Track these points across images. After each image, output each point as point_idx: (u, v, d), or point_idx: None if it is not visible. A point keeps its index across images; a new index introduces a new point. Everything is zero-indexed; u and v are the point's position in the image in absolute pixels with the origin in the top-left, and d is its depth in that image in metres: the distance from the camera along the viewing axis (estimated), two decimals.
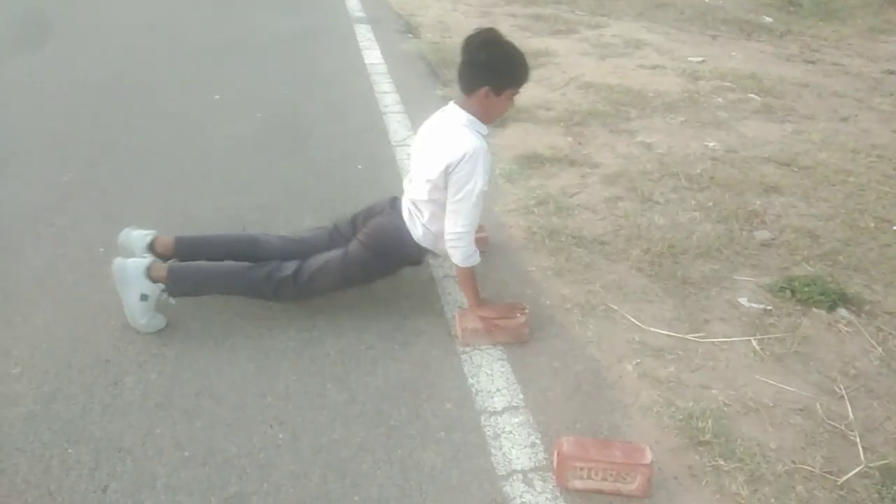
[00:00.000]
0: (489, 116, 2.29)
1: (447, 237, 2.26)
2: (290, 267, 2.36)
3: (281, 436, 1.94)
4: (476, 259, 2.30)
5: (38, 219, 3.01)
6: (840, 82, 5.32)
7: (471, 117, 2.24)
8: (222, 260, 2.44)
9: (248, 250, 2.47)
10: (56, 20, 6.33)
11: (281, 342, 2.31)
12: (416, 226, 2.36)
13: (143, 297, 2.28)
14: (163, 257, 2.44)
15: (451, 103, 2.32)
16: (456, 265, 2.31)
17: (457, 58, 2.25)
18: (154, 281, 2.29)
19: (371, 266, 2.41)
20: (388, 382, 2.15)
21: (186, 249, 2.47)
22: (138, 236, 2.46)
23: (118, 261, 2.31)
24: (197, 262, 2.43)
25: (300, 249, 2.48)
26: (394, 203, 2.52)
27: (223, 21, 6.66)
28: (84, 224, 2.98)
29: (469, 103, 2.25)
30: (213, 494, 1.76)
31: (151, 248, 2.45)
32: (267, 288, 2.35)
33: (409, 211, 2.39)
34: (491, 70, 2.18)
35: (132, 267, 2.29)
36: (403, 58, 5.62)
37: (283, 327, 2.38)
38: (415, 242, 2.38)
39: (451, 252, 2.28)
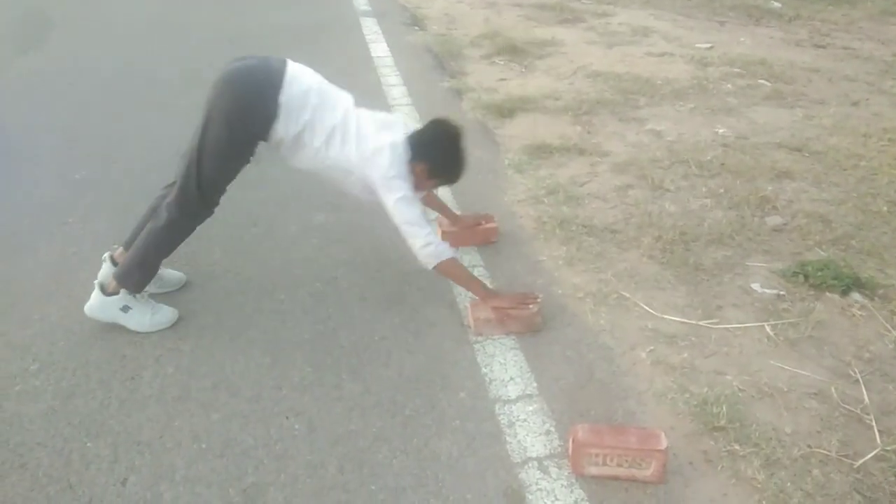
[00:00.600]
0: (415, 186, 2.32)
1: (416, 254, 2.27)
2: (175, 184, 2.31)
3: (297, 427, 1.96)
4: (446, 252, 2.27)
5: (51, 216, 3.03)
6: (851, 66, 5.27)
7: (403, 161, 2.27)
8: None
9: (156, 207, 2.39)
10: (60, 17, 6.36)
11: (295, 335, 2.33)
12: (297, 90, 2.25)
13: (125, 309, 2.31)
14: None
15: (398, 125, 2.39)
16: (440, 269, 2.30)
17: (464, 49, 2.25)
18: (112, 294, 2.31)
19: (221, 122, 2.22)
20: (403, 373, 2.16)
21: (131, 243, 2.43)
22: (104, 270, 2.44)
23: (86, 307, 2.33)
24: (126, 253, 2.37)
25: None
26: (264, 58, 2.36)
27: (229, 14, 6.67)
28: (97, 221, 3.00)
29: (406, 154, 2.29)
30: (231, 486, 1.78)
31: (114, 262, 2.44)
32: (175, 216, 2.27)
33: (311, 88, 2.29)
34: (435, 156, 2.31)
35: (92, 303, 2.32)
36: (410, 50, 5.61)
37: (298, 320, 2.40)
38: (275, 95, 2.20)
39: (424, 262, 2.28)
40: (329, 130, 2.25)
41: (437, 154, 2.32)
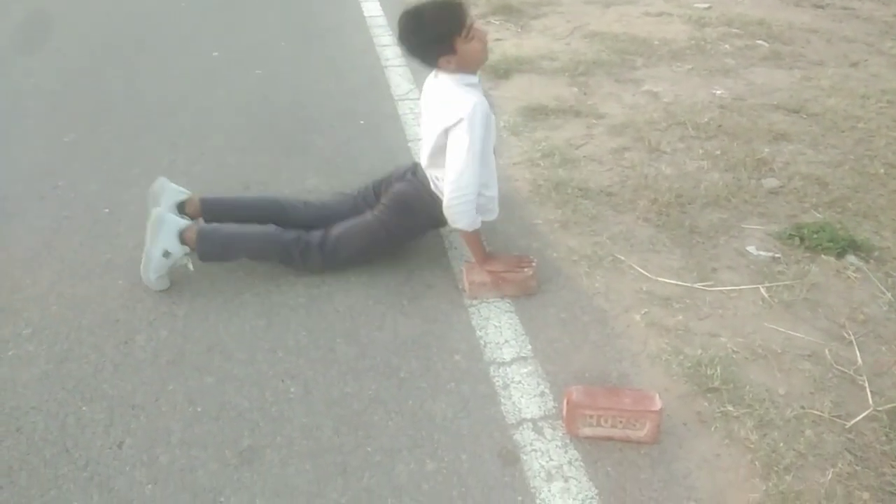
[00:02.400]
0: (469, 67, 2.21)
1: (446, 202, 2.19)
2: (316, 234, 2.37)
3: (293, 390, 1.96)
4: (478, 222, 2.27)
5: (41, 181, 3.00)
6: (850, 27, 5.20)
7: (455, 76, 2.20)
8: (247, 223, 2.43)
9: (273, 214, 2.46)
10: None
11: (290, 298, 2.32)
12: (440, 188, 2.30)
13: (166, 255, 2.28)
14: (189, 218, 2.44)
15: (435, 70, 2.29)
16: (459, 229, 2.29)
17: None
18: (183, 243, 2.30)
19: (396, 230, 2.41)
20: (398, 336, 2.16)
21: (212, 211, 2.48)
22: (172, 192, 2.45)
23: (158, 210, 2.32)
24: (225, 226, 2.41)
25: (324, 215, 2.48)
26: (416, 168, 2.49)
27: None
28: (88, 185, 2.97)
29: (445, 71, 2.21)
30: (227, 448, 1.79)
31: (181, 208, 2.45)
32: (295, 252, 2.35)
33: (433, 178, 2.35)
34: (422, 47, 2.19)
35: (169, 222, 2.30)
36: (403, 9, 5.49)
37: (292, 283, 2.39)
38: (439, 204, 2.27)
39: (450, 217, 2.23)
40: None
41: (424, 44, 2.18)
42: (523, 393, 1.96)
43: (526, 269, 2.33)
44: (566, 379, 1.99)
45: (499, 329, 2.20)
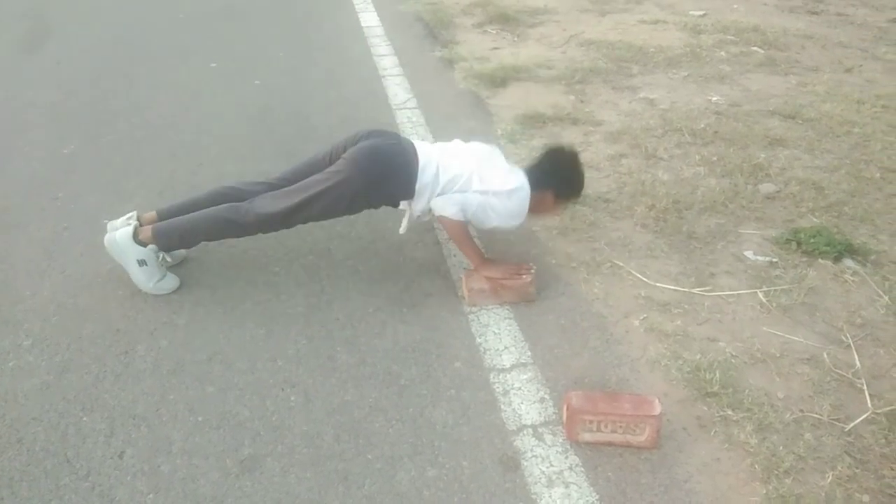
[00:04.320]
0: (537, 210, 2.41)
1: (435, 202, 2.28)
2: (268, 194, 2.35)
3: (293, 398, 1.97)
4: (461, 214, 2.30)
5: (41, 192, 3.00)
6: (845, 33, 5.24)
7: (528, 191, 2.34)
8: None
9: (231, 198, 2.42)
10: None
11: (290, 307, 2.33)
12: (429, 174, 2.31)
13: (142, 263, 2.31)
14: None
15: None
16: (447, 226, 2.31)
17: (456, 18, 2.23)
18: (144, 244, 2.32)
19: (354, 186, 2.28)
20: (398, 344, 2.17)
21: (170, 217, 2.44)
22: (122, 226, 2.39)
23: (107, 236, 2.34)
24: (178, 218, 2.39)
25: (283, 184, 2.42)
26: (399, 138, 2.45)
27: None
28: (88, 196, 2.98)
29: (529, 196, 2.34)
30: (228, 457, 1.79)
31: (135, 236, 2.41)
32: (250, 219, 2.31)
33: (438, 166, 2.33)
34: (565, 182, 2.42)
35: (120, 236, 2.32)
36: (400, 19, 5.54)
37: (292, 293, 2.39)
38: (409, 178, 2.28)
39: (441, 204, 2.27)
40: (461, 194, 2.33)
41: (562, 180, 2.40)
42: (523, 399, 1.96)
43: (525, 276, 2.34)
44: (566, 385, 2.00)
45: (498, 336, 2.20)
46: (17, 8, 5.91)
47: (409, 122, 3.65)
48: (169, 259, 2.40)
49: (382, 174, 2.31)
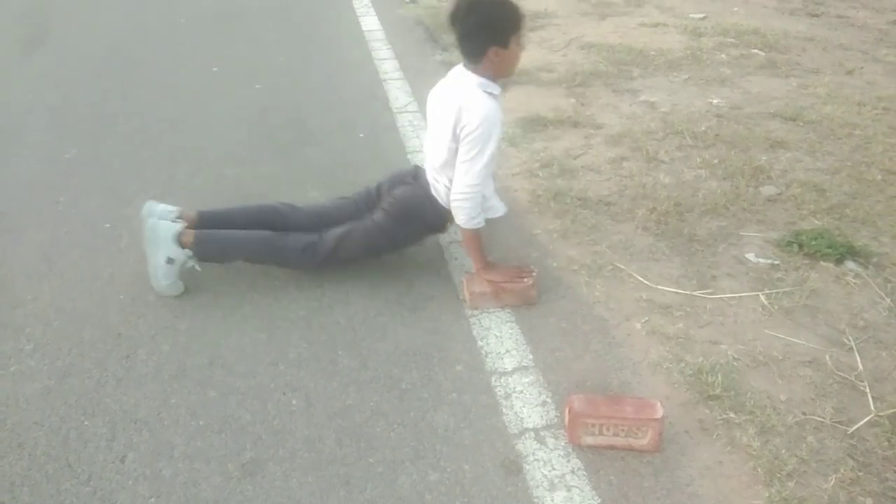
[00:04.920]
0: (504, 72, 2.27)
1: (453, 196, 2.25)
2: (314, 236, 2.39)
3: (294, 402, 1.96)
4: (480, 221, 2.29)
5: (42, 196, 3.01)
6: (845, 35, 5.24)
7: (482, 79, 2.22)
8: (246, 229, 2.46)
9: (271, 220, 2.48)
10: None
11: (291, 311, 2.32)
12: (441, 193, 2.35)
13: (170, 261, 2.31)
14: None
15: (460, 67, 2.28)
16: (460, 227, 2.31)
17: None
18: (182, 247, 2.32)
19: (395, 234, 2.42)
20: (399, 348, 2.16)
21: (210, 221, 2.48)
22: (163, 211, 2.43)
23: (152, 221, 2.33)
24: (223, 230, 2.43)
25: (323, 219, 2.49)
26: (417, 172, 2.52)
27: None
28: (88, 200, 2.98)
29: (480, 68, 2.22)
30: (230, 461, 1.78)
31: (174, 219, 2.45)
32: (291, 254, 2.38)
33: (434, 179, 2.37)
34: (489, 28, 2.16)
35: (164, 229, 2.32)
36: (401, 23, 5.55)
37: (293, 297, 2.39)
38: (439, 209, 2.37)
39: (455, 212, 2.27)
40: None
41: (485, 29, 2.16)
42: (525, 402, 1.96)
43: (526, 279, 2.34)
44: (568, 388, 2.00)
45: (500, 339, 2.20)
46: (17, 11, 5.93)
47: (411, 126, 3.65)
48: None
49: (415, 218, 2.44)
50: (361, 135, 3.61)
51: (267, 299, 2.38)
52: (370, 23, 5.53)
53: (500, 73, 2.26)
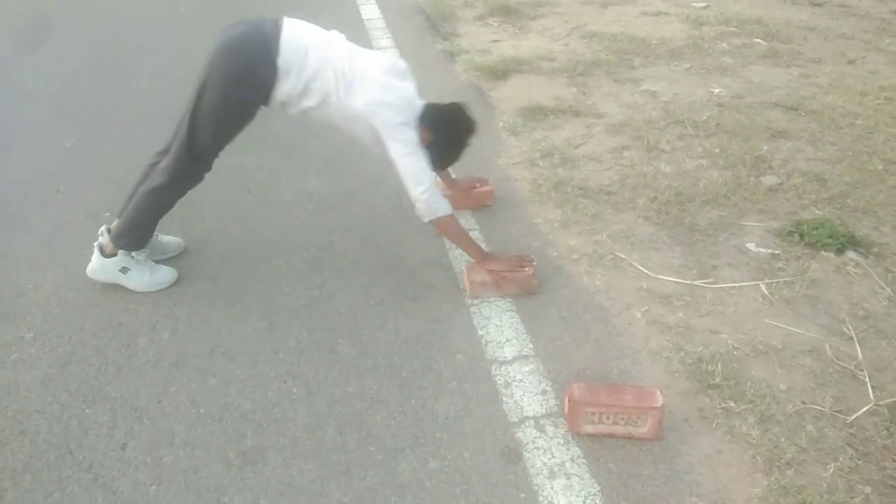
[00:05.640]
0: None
1: (415, 198, 2.22)
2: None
3: (295, 390, 1.97)
4: (444, 208, 2.24)
5: (42, 186, 3.00)
6: (847, 24, 5.21)
7: (413, 115, 2.26)
8: None
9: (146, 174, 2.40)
10: None
11: (291, 300, 2.33)
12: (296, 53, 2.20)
13: (124, 270, 2.34)
14: None
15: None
16: (437, 225, 2.29)
17: (457, 11, 2.22)
18: (110, 256, 2.33)
19: (225, 87, 2.20)
20: (400, 336, 2.17)
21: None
22: (103, 239, 2.38)
23: (87, 270, 2.37)
24: (120, 218, 2.37)
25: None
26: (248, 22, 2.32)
27: None
28: (89, 189, 2.98)
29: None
30: (230, 449, 1.79)
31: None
32: (167, 179, 2.27)
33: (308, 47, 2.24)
34: (444, 141, 2.32)
35: (93, 264, 2.35)
36: (401, 12, 5.52)
37: (293, 286, 2.39)
38: (272, 60, 2.17)
39: (420, 215, 2.26)
40: (333, 83, 2.20)
41: (446, 135, 2.32)
42: (525, 391, 1.96)
43: (526, 269, 2.33)
44: (568, 377, 2.00)
45: (500, 328, 2.20)
46: (18, 0, 5.90)
47: None
48: (147, 251, 2.40)
49: (239, 62, 2.22)
50: None
51: (268, 288, 2.38)
52: (370, 11, 5.50)
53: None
